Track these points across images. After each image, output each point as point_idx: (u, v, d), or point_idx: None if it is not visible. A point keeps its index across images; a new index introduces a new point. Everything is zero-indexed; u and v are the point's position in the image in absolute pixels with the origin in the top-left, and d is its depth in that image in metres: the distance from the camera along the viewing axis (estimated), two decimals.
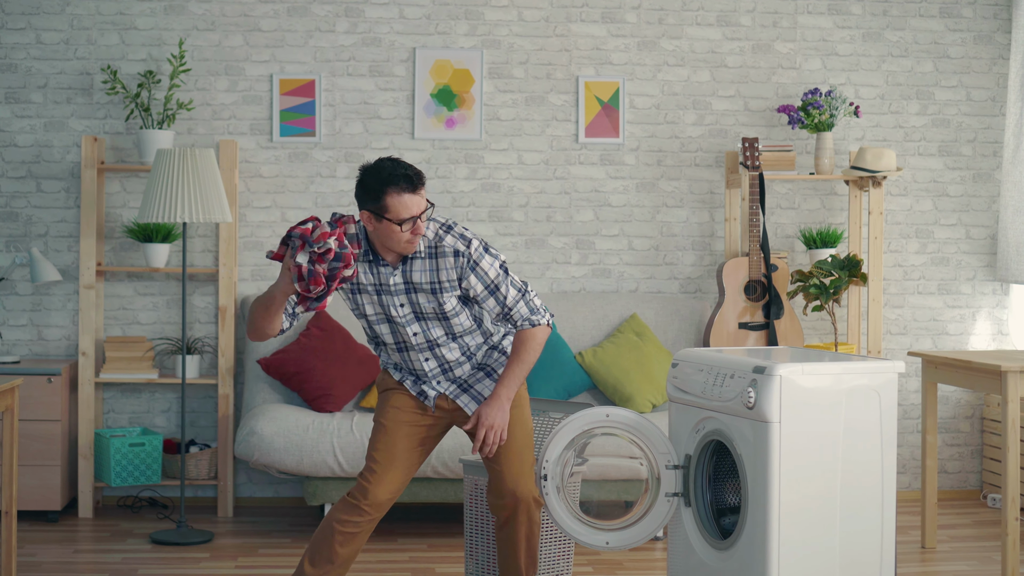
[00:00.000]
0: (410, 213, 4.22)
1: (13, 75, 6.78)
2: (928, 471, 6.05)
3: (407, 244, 4.27)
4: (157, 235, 6.66)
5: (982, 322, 7.23)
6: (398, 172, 4.20)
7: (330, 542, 4.38)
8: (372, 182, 4.22)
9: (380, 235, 4.28)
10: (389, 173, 4.21)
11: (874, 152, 6.71)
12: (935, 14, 7.18)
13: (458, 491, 6.07)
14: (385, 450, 4.45)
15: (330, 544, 4.38)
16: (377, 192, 4.21)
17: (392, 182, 4.20)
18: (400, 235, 4.24)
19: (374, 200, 4.22)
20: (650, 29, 7.04)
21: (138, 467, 6.50)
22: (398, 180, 4.19)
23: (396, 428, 4.48)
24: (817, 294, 6.52)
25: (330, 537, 4.38)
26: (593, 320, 6.76)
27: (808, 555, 4.18)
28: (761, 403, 4.13)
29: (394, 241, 4.26)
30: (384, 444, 4.46)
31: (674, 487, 4.50)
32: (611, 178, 7.04)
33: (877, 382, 4.26)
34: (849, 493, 4.23)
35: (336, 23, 6.90)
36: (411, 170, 4.23)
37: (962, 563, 5.76)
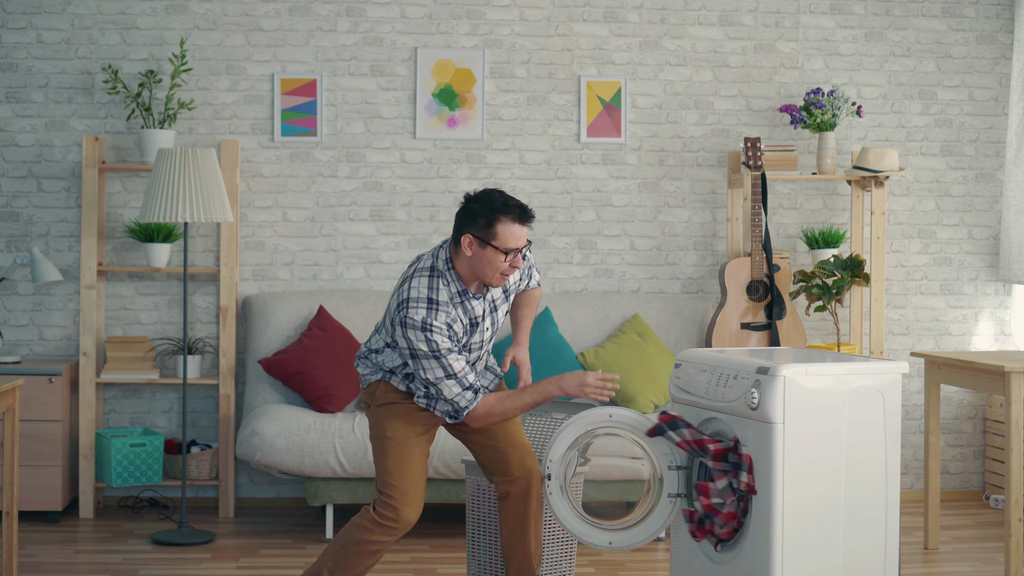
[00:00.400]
0: (517, 244, 4.28)
1: (14, 74, 6.77)
2: (931, 472, 6.04)
3: (501, 276, 4.32)
4: (158, 235, 6.65)
5: (984, 322, 7.22)
6: (512, 203, 4.27)
7: (362, 561, 4.43)
8: (485, 208, 4.26)
9: (477, 263, 4.31)
10: (504, 202, 4.27)
11: (876, 152, 6.69)
12: (937, 14, 7.16)
13: (460, 492, 6.05)
14: (404, 468, 4.45)
15: (362, 563, 4.43)
16: (490, 218, 4.26)
17: (507, 211, 4.26)
18: (499, 265, 4.29)
19: (484, 226, 4.26)
20: (652, 29, 7.03)
21: (139, 467, 6.49)
22: (513, 209, 4.27)
23: (407, 442, 4.48)
24: (820, 294, 6.51)
25: (362, 557, 4.42)
26: (595, 320, 6.75)
27: (811, 556, 4.16)
28: (765, 404, 4.12)
29: (491, 270, 4.30)
30: (401, 462, 4.45)
31: (676, 488, 4.49)
32: (613, 178, 7.03)
33: (881, 383, 4.24)
34: (853, 494, 4.22)
35: (337, 22, 6.89)
36: (524, 205, 4.31)
37: (965, 564, 5.75)
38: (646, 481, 4.60)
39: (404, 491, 4.43)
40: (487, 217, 4.26)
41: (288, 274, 6.88)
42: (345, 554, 4.43)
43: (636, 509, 4.59)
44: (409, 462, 4.45)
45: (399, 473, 4.44)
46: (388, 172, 6.92)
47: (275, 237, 6.88)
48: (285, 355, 6.44)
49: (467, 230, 4.29)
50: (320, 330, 6.50)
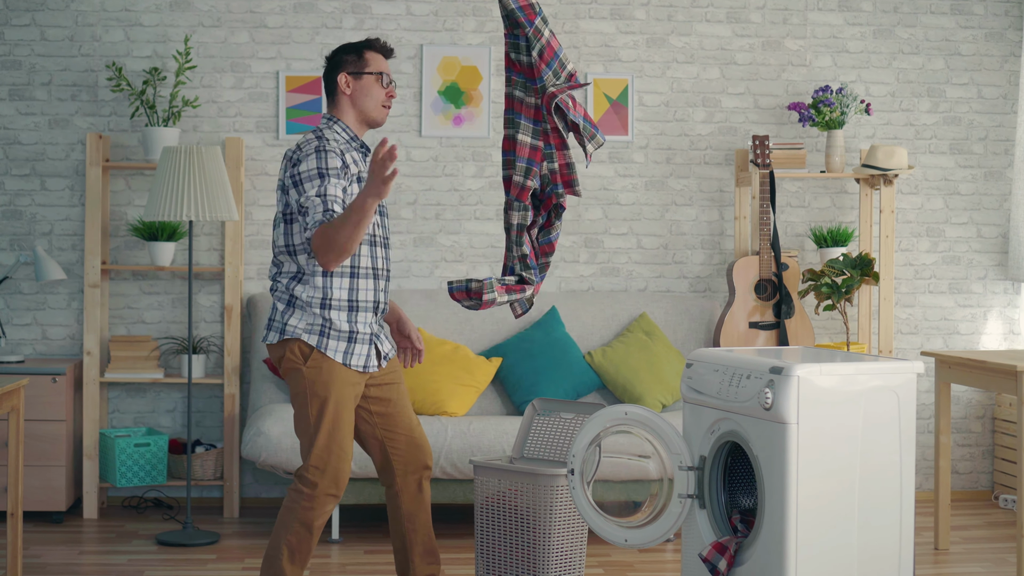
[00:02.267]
0: (387, 71, 4.51)
1: (17, 72, 6.73)
2: (941, 472, 6.00)
3: (382, 108, 4.50)
4: (162, 233, 6.61)
5: (993, 321, 7.18)
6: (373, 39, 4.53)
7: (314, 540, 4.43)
8: (350, 48, 4.51)
9: (358, 98, 4.49)
10: (366, 40, 4.52)
11: (885, 150, 6.65)
12: (946, 11, 7.12)
13: (466, 492, 6.02)
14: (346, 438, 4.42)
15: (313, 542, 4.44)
16: (358, 51, 4.49)
17: (369, 43, 4.51)
18: (378, 93, 4.47)
19: (355, 60, 4.49)
20: (659, 26, 6.98)
21: (143, 467, 6.45)
22: (375, 43, 4.52)
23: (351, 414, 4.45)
24: (829, 293, 6.47)
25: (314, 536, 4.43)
26: (602, 319, 6.71)
27: (826, 556, 4.13)
28: (778, 404, 4.08)
29: (372, 101, 4.48)
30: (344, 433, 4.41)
31: (688, 488, 4.45)
32: (620, 176, 6.99)
33: (895, 382, 4.20)
34: (867, 494, 4.18)
35: (343, 19, 6.85)
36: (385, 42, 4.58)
37: (976, 565, 5.71)
38: (654, 480, 4.56)
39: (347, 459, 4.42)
40: (355, 52, 4.50)
41: None
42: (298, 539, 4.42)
43: (644, 508, 4.55)
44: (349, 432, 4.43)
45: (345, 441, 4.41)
46: None
47: None
48: None
49: (339, 71, 4.50)
50: None
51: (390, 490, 4.64)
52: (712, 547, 4.31)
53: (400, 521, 4.64)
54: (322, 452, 4.39)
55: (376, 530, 6.34)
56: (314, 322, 4.40)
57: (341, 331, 4.41)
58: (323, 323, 4.40)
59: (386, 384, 4.58)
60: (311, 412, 4.41)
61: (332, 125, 4.49)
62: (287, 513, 4.43)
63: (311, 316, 4.41)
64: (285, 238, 4.41)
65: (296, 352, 4.42)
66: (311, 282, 4.41)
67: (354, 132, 4.50)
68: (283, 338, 4.43)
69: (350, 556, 5.83)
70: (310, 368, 4.40)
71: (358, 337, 4.44)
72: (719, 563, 4.28)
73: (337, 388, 4.41)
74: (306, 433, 4.42)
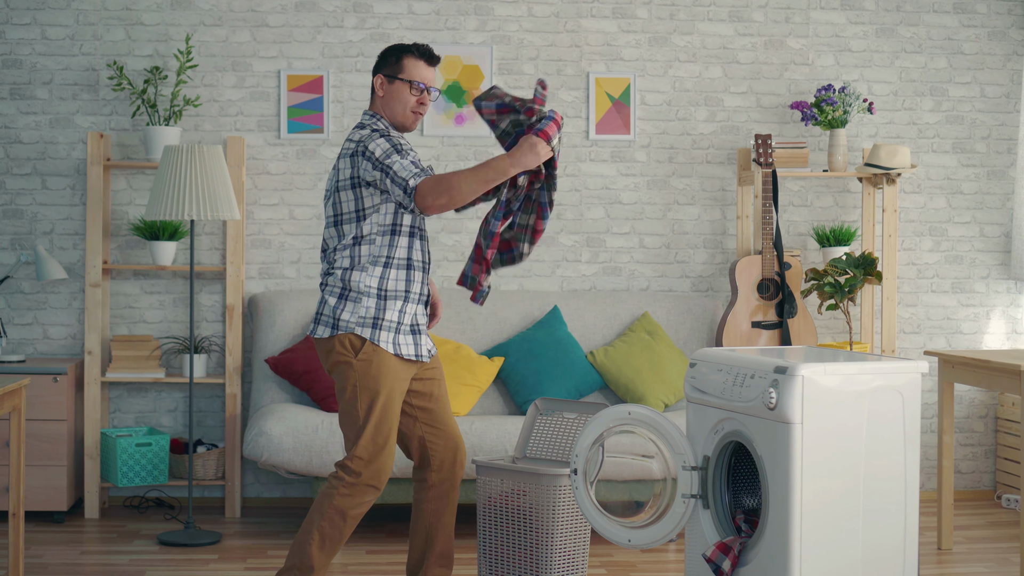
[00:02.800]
0: (422, 79, 4.53)
1: (18, 71, 6.72)
2: (944, 472, 5.99)
3: (412, 113, 4.54)
4: (164, 233, 6.59)
5: (996, 321, 7.17)
6: (420, 44, 4.56)
7: (347, 531, 4.47)
8: (393, 49, 4.55)
9: (389, 102, 4.55)
10: (412, 43, 4.59)
11: (888, 149, 6.64)
12: (949, 10, 7.11)
13: (469, 492, 6.00)
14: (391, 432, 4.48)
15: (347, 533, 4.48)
16: (398, 55, 4.55)
17: (413, 48, 4.55)
18: (408, 98, 4.52)
19: (393, 63, 4.55)
20: (661, 25, 6.97)
21: (145, 467, 6.43)
22: (419, 49, 4.55)
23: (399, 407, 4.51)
24: (832, 293, 6.45)
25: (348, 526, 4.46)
26: (604, 319, 6.70)
27: (830, 556, 4.11)
28: (783, 404, 4.07)
29: (402, 107, 4.53)
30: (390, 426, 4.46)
31: (691, 488, 4.44)
32: (622, 175, 6.97)
33: (900, 382, 4.19)
34: (871, 494, 4.16)
35: (344, 18, 6.83)
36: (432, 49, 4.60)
37: (979, 565, 5.70)
38: (657, 480, 4.55)
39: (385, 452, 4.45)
40: (396, 55, 4.55)
41: (295, 272, 6.83)
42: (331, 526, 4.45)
43: (647, 508, 4.54)
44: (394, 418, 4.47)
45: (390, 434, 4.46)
46: None
47: (281, 235, 6.83)
48: (292, 354, 6.39)
49: (378, 71, 4.58)
50: None
51: (420, 484, 4.66)
52: (716, 547, 4.30)
53: (425, 517, 4.66)
54: (369, 444, 4.44)
55: (378, 530, 6.33)
56: (366, 315, 4.45)
57: (391, 321, 4.47)
58: (376, 315, 4.45)
59: (429, 379, 4.65)
60: (360, 405, 4.45)
61: (375, 121, 4.55)
62: (324, 499, 4.45)
63: (363, 309, 4.45)
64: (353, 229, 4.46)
65: (347, 345, 4.46)
66: (369, 270, 4.44)
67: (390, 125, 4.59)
68: (335, 333, 4.45)
69: (352, 556, 5.82)
70: (361, 361, 4.45)
71: (408, 328, 4.51)
72: (723, 563, 4.27)
73: (388, 381, 4.46)
74: (354, 425, 4.46)
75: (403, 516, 6.65)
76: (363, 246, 4.47)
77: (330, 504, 4.45)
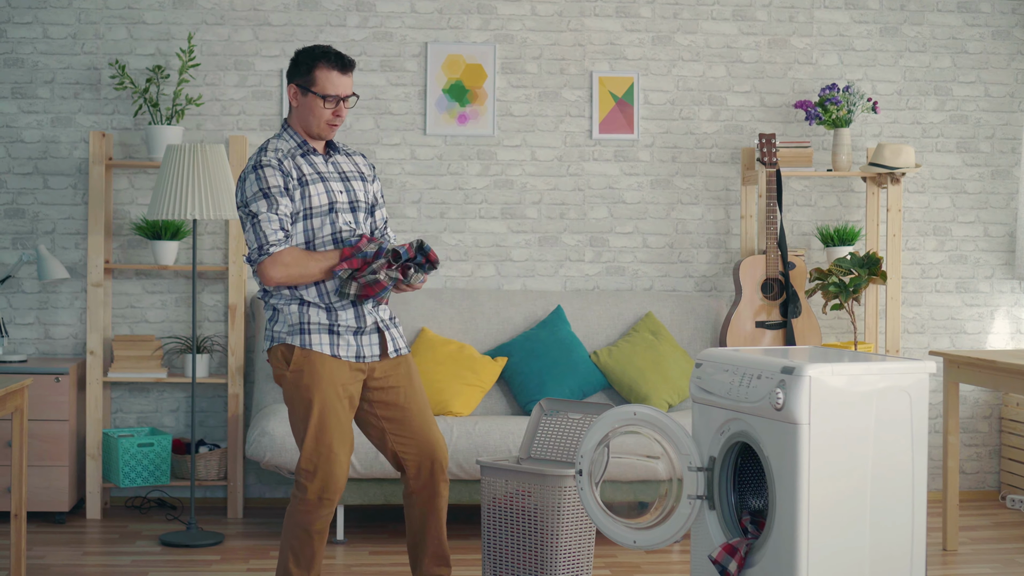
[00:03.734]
0: (336, 91, 4.37)
1: (20, 70, 6.69)
2: (950, 472, 5.96)
3: (327, 125, 4.40)
4: (166, 232, 6.57)
5: (1000, 321, 7.15)
6: (331, 51, 4.37)
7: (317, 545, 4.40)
8: (304, 56, 4.37)
9: (302, 112, 4.41)
10: (323, 51, 4.37)
11: (893, 148, 6.62)
12: (953, 9, 7.09)
13: (472, 493, 5.98)
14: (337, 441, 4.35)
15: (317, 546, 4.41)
16: (308, 65, 4.37)
17: (324, 58, 4.36)
18: (322, 112, 4.37)
19: (304, 73, 4.38)
20: (665, 24, 6.95)
21: (147, 467, 6.41)
22: (330, 57, 4.36)
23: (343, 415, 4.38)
24: (836, 292, 6.43)
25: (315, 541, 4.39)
26: (607, 319, 6.68)
27: (837, 558, 4.09)
28: (790, 404, 4.04)
29: (315, 119, 4.38)
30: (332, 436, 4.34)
31: (697, 489, 4.42)
32: (625, 175, 6.95)
33: (907, 382, 4.17)
34: (879, 495, 4.14)
35: (347, 17, 6.81)
36: (344, 54, 4.41)
37: (985, 566, 5.68)
38: (663, 481, 4.53)
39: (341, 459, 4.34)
40: (307, 64, 4.37)
41: None
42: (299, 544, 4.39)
43: (653, 509, 4.52)
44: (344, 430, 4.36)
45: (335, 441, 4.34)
46: (398, 169, 6.84)
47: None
48: None
49: (291, 79, 4.43)
50: None
51: (405, 490, 4.61)
52: (722, 548, 4.28)
53: (412, 521, 4.61)
54: (311, 455, 4.33)
55: (381, 530, 6.31)
56: (294, 322, 4.37)
57: (322, 324, 4.38)
58: (301, 321, 4.36)
59: (390, 387, 4.51)
60: (298, 416, 4.37)
61: (278, 141, 4.45)
62: (288, 517, 4.42)
63: (290, 315, 4.38)
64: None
65: (279, 357, 4.40)
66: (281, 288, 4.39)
67: (303, 138, 4.46)
68: (272, 345, 4.42)
69: (355, 557, 5.80)
70: (293, 372, 4.37)
71: (340, 329, 4.39)
72: (729, 564, 4.25)
73: (321, 389, 4.34)
74: (298, 439, 4.39)
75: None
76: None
77: (293, 522, 4.39)
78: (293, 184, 4.35)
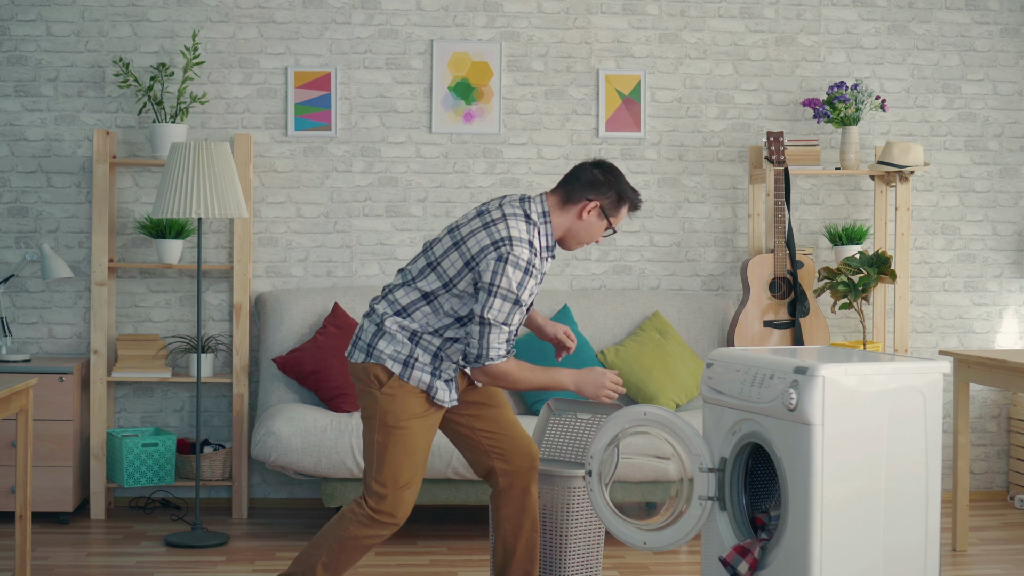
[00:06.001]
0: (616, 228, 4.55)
1: (23, 68, 6.65)
2: (960, 472, 5.92)
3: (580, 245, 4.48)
4: (170, 231, 6.53)
5: (1009, 320, 7.11)
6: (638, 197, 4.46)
7: (358, 555, 4.37)
8: (620, 185, 4.40)
9: (584, 228, 4.40)
10: (632, 189, 4.45)
11: (901, 147, 6.58)
12: (961, 6, 7.05)
13: (479, 493, 5.94)
14: (414, 469, 4.36)
15: (357, 557, 4.38)
16: (622, 197, 4.40)
17: (634, 197, 4.44)
18: (597, 235, 4.43)
19: (615, 202, 4.39)
20: (672, 21, 6.91)
21: (151, 468, 6.37)
22: (637, 203, 4.46)
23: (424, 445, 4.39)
24: (845, 291, 6.40)
25: (358, 552, 4.36)
26: (614, 318, 6.64)
27: (851, 558, 4.05)
28: (803, 404, 4.01)
29: (588, 239, 4.43)
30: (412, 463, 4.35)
31: (708, 490, 4.38)
32: (632, 173, 6.91)
33: (921, 382, 4.13)
34: (893, 496, 4.10)
35: (352, 15, 6.77)
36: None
37: (996, 567, 5.64)
38: (673, 482, 4.49)
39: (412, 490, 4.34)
40: (619, 194, 4.39)
41: (302, 271, 6.77)
42: (341, 549, 4.35)
43: (663, 510, 4.48)
44: (420, 465, 4.37)
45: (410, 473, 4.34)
46: (403, 167, 6.81)
47: (289, 233, 6.77)
48: (300, 353, 6.33)
49: (596, 197, 4.36)
50: (335, 328, 6.38)
51: (493, 491, 4.59)
52: (733, 549, 4.24)
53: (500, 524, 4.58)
54: (386, 479, 4.33)
55: None
56: (401, 350, 4.34)
57: (426, 366, 4.36)
58: (409, 354, 4.34)
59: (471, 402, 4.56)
60: (377, 438, 4.34)
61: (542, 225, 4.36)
62: (341, 520, 4.34)
63: (399, 344, 4.34)
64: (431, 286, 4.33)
65: (373, 374, 4.35)
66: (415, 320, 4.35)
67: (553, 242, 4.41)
68: (367, 360, 4.35)
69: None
70: (385, 394, 4.34)
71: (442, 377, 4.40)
72: (739, 565, 4.21)
73: (408, 417, 4.34)
74: (369, 457, 4.36)
75: (414, 519, 6.59)
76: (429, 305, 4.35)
77: (345, 528, 4.35)
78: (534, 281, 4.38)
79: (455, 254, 4.31)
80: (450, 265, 4.31)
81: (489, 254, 4.24)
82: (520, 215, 4.30)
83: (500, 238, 4.25)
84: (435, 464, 5.83)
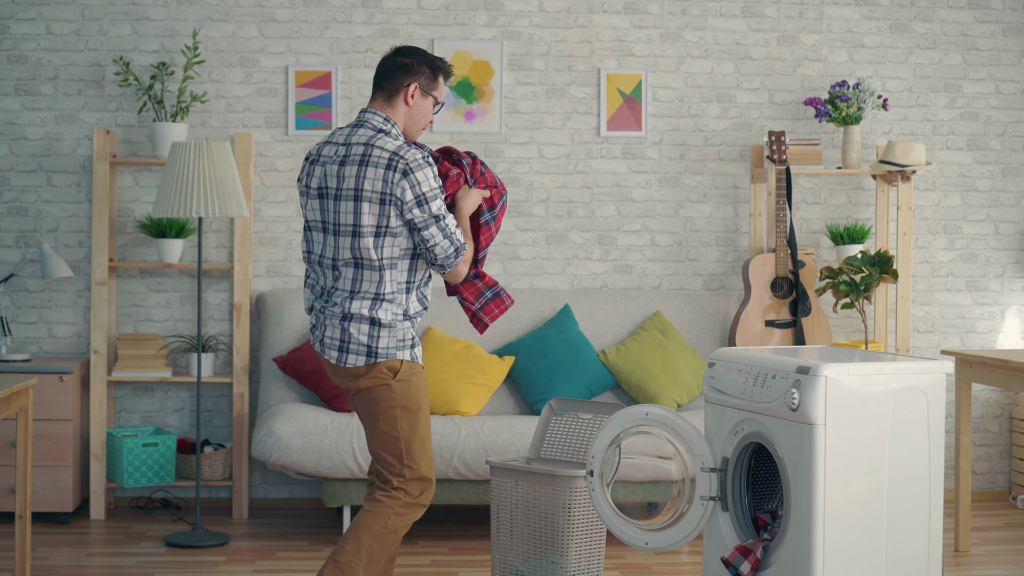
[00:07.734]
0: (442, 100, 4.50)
1: (23, 67, 6.64)
2: (962, 472, 5.91)
3: (421, 129, 4.48)
4: (171, 230, 6.52)
5: (1011, 319, 7.09)
6: (447, 63, 4.49)
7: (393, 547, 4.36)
8: (429, 60, 4.42)
9: (415, 113, 4.41)
10: (441, 59, 4.47)
11: (903, 146, 6.57)
12: (963, 5, 7.03)
13: (480, 493, 5.93)
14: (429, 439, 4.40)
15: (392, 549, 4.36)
16: (435, 72, 4.43)
17: (446, 67, 4.46)
18: (429, 115, 4.44)
19: (431, 77, 4.41)
20: (673, 20, 6.90)
21: (151, 467, 6.36)
22: (450, 72, 4.49)
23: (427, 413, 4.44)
24: (847, 291, 6.38)
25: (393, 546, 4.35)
26: (615, 317, 6.63)
27: (853, 559, 4.04)
28: (806, 404, 3.99)
29: (423, 122, 4.44)
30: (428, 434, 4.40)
31: (710, 490, 4.37)
32: (633, 172, 6.90)
33: (924, 382, 4.12)
34: (895, 496, 4.09)
35: (353, 13, 6.76)
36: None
37: (998, 568, 5.63)
38: (675, 482, 4.48)
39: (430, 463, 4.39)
40: (431, 67, 4.42)
41: (303, 270, 6.75)
42: (381, 546, 4.31)
43: (665, 510, 4.47)
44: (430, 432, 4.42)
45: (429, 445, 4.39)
46: None
47: (289, 232, 6.75)
48: (300, 353, 6.32)
49: (411, 79, 4.38)
50: None
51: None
52: (735, 549, 4.23)
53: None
54: (421, 464, 4.33)
55: None
56: (404, 337, 4.32)
57: (416, 337, 4.39)
58: (409, 336, 4.34)
59: None
60: (402, 425, 4.32)
61: (392, 129, 4.37)
62: (375, 519, 4.28)
63: (399, 331, 4.32)
64: (377, 252, 4.25)
65: (386, 370, 4.31)
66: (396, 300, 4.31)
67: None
68: (376, 361, 4.30)
69: None
70: (399, 381, 4.31)
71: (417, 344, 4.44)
72: (741, 565, 4.20)
73: (424, 398, 4.37)
74: (395, 447, 4.31)
75: None
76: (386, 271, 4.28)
77: (383, 524, 4.29)
78: None
79: (364, 204, 4.24)
80: (369, 216, 4.23)
81: (395, 177, 4.23)
82: (377, 133, 4.31)
83: (390, 158, 4.24)
84: (435, 464, 5.82)
